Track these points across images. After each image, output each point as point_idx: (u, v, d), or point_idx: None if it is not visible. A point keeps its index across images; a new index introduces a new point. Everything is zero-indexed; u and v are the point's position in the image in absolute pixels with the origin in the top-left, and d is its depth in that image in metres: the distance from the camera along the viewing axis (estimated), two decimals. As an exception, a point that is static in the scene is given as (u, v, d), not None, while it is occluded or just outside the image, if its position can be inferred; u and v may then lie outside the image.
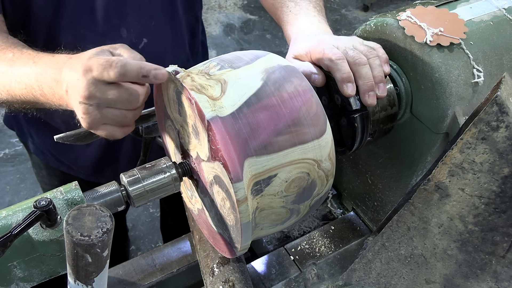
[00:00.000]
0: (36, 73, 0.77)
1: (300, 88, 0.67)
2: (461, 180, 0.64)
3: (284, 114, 0.65)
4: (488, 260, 0.65)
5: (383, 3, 4.02)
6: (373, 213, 1.00)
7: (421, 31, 0.79)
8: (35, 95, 0.79)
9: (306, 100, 0.67)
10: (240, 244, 0.69)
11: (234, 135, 0.62)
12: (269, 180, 0.65)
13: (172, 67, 0.69)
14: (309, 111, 0.67)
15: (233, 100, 0.63)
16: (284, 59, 0.72)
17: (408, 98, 0.83)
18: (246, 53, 0.72)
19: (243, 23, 3.78)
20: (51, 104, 0.79)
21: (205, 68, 0.69)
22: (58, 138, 0.81)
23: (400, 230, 0.69)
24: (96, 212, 0.50)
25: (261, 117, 0.64)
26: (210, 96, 0.63)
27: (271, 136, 0.64)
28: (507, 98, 0.63)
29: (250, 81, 0.65)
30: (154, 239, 2.31)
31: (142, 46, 1.02)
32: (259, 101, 0.64)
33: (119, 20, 0.98)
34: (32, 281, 0.65)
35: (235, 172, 0.61)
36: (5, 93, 0.84)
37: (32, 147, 1.23)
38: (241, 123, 0.63)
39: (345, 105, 0.79)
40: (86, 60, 0.66)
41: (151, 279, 0.93)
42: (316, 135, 0.67)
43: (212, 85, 0.64)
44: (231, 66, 0.68)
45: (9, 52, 0.83)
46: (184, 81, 0.64)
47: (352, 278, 0.71)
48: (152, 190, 0.69)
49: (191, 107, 0.65)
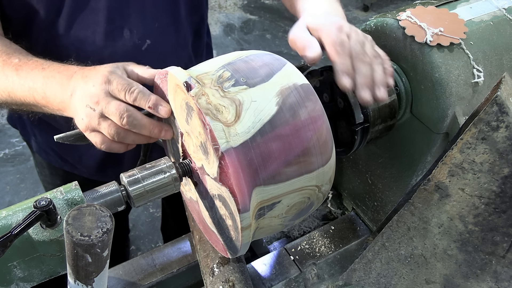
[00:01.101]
0: (43, 77, 0.80)
1: (314, 114, 0.66)
2: (461, 180, 0.64)
3: (295, 145, 0.65)
4: (488, 260, 0.65)
5: (383, 3, 4.02)
6: (373, 213, 1.00)
7: (421, 31, 0.79)
8: (36, 98, 0.81)
9: (318, 128, 0.66)
10: (235, 255, 0.73)
11: (246, 165, 0.62)
12: (273, 205, 0.67)
13: (174, 68, 0.68)
14: (319, 140, 0.67)
15: (247, 127, 0.62)
16: (299, 73, 0.69)
17: (408, 98, 0.83)
18: (260, 61, 0.69)
19: (243, 23, 3.78)
20: (49, 108, 0.82)
21: (218, 78, 0.66)
22: (58, 138, 0.81)
23: (400, 230, 0.69)
24: (96, 212, 0.50)
25: (273, 147, 0.63)
26: (225, 122, 0.61)
27: (281, 166, 0.65)
28: (507, 98, 0.63)
29: (265, 106, 0.64)
30: (154, 239, 2.31)
31: (145, 47, 1.01)
32: (273, 130, 0.63)
33: (122, 21, 0.98)
34: (32, 281, 0.65)
35: (244, 204, 0.63)
36: (5, 95, 0.85)
37: (35, 146, 1.23)
38: (253, 152, 0.62)
39: (348, 114, 0.79)
40: (107, 73, 0.73)
41: (151, 279, 0.93)
42: (322, 163, 0.68)
43: (226, 106, 0.62)
44: (246, 83, 0.65)
45: (15, 58, 0.84)
46: (199, 101, 0.62)
47: (352, 278, 0.71)
48: (152, 190, 0.69)
49: (202, 128, 0.64)
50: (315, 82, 0.84)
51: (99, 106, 0.72)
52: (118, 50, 0.99)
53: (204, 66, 0.70)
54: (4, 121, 2.83)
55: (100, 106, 0.72)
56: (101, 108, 0.72)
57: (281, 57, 0.71)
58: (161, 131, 0.75)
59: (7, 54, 0.85)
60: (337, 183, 1.10)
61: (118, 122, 0.72)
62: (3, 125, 2.82)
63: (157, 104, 0.72)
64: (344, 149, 0.84)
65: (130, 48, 1.00)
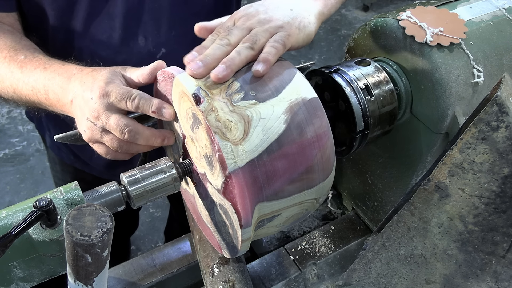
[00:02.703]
0: (45, 78, 0.80)
1: (320, 131, 0.66)
2: (461, 180, 0.64)
3: (300, 163, 0.66)
4: (488, 260, 0.65)
5: (383, 3, 4.02)
6: (373, 213, 1.00)
7: (421, 31, 0.79)
8: (40, 98, 0.82)
9: (322, 145, 0.67)
10: (230, 257, 0.74)
11: (251, 184, 0.62)
12: (272, 218, 0.69)
13: (181, 75, 0.66)
14: (323, 157, 0.67)
15: (255, 146, 0.62)
16: (308, 85, 0.68)
17: (408, 98, 0.83)
18: (270, 71, 0.68)
19: (243, 23, 3.77)
20: (53, 108, 0.83)
21: (227, 88, 0.65)
22: (58, 138, 0.81)
23: (400, 230, 0.69)
24: (96, 212, 0.50)
25: (278, 165, 0.64)
26: (233, 141, 0.61)
27: (284, 184, 0.66)
28: (507, 98, 0.63)
29: (274, 123, 0.63)
30: (154, 239, 2.31)
31: (160, 56, 1.01)
32: (279, 148, 0.64)
33: (137, 28, 0.97)
34: (32, 281, 0.65)
35: (246, 220, 0.64)
36: (11, 92, 0.86)
37: (49, 141, 1.24)
38: (259, 171, 0.63)
39: (348, 118, 0.80)
40: (104, 84, 0.72)
41: (151, 279, 0.93)
42: (323, 178, 0.69)
43: (235, 123, 0.62)
44: (256, 97, 0.64)
45: (21, 54, 0.84)
46: (208, 118, 0.61)
47: (352, 278, 0.71)
48: (152, 190, 0.69)
49: (210, 143, 0.63)
50: (318, 79, 0.84)
51: (99, 121, 0.72)
52: (132, 57, 0.99)
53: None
54: (4, 121, 2.83)
55: (100, 121, 0.72)
56: (102, 123, 0.72)
57: (290, 64, 0.70)
58: (163, 140, 0.75)
59: (14, 50, 0.85)
60: (337, 183, 1.10)
61: (120, 137, 0.72)
62: (3, 125, 2.81)
63: (160, 108, 0.71)
64: (342, 150, 0.85)
65: (144, 56, 0.99)
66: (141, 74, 0.75)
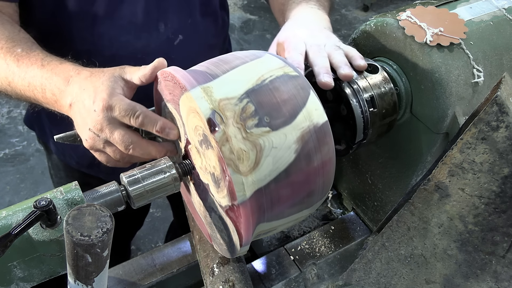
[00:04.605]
0: (42, 76, 0.80)
1: (326, 158, 0.67)
2: (461, 180, 0.64)
3: (304, 190, 0.67)
4: (488, 260, 0.65)
5: (383, 3, 4.02)
6: (373, 213, 1.00)
7: (421, 31, 0.78)
8: (36, 95, 0.81)
9: (326, 172, 0.68)
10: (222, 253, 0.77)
11: (256, 211, 0.64)
12: (269, 232, 0.72)
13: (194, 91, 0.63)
14: (325, 182, 0.69)
15: (263, 175, 0.62)
16: (321, 108, 0.67)
17: (408, 98, 0.83)
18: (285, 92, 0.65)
19: (243, 23, 3.78)
20: (49, 106, 0.83)
21: (241, 112, 0.63)
22: (58, 138, 0.81)
23: (400, 230, 0.69)
24: (96, 212, 0.50)
25: (283, 193, 0.65)
26: (244, 172, 0.61)
27: (286, 208, 0.68)
28: (507, 98, 0.63)
29: (284, 154, 0.63)
30: (154, 239, 2.31)
31: (177, 42, 1.03)
32: (287, 177, 0.64)
33: (158, 14, 0.99)
34: (32, 281, 0.65)
35: (247, 241, 0.66)
36: (5, 84, 0.85)
37: (53, 147, 1.22)
38: (264, 198, 0.64)
39: (348, 124, 0.79)
40: (107, 97, 0.72)
41: (151, 279, 0.93)
42: (321, 198, 0.71)
43: (247, 151, 0.61)
44: (269, 124, 0.63)
45: (18, 47, 0.84)
46: (223, 149, 0.60)
47: (352, 278, 0.71)
48: (152, 190, 0.69)
49: (220, 169, 0.63)
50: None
51: (102, 133, 0.72)
52: (151, 43, 1.00)
53: (227, 86, 0.65)
54: (4, 121, 2.83)
55: (104, 133, 0.72)
56: (105, 136, 0.73)
57: (305, 81, 0.68)
58: (166, 153, 0.76)
59: (12, 42, 0.84)
60: (337, 183, 1.09)
61: (124, 151, 0.73)
62: (3, 125, 2.81)
63: (164, 128, 0.72)
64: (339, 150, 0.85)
65: (163, 42, 1.01)
66: (143, 74, 0.74)
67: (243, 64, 0.68)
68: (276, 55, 0.72)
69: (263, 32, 3.70)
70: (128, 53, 0.97)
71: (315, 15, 0.91)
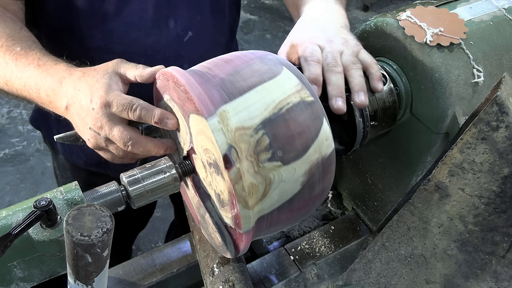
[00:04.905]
0: (37, 77, 0.80)
1: (326, 185, 0.69)
2: (461, 180, 0.64)
3: (302, 213, 0.71)
4: (488, 260, 0.65)
5: (383, 3, 4.02)
6: (373, 213, 1.00)
7: (421, 31, 0.78)
8: (31, 95, 0.81)
9: (324, 196, 0.71)
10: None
11: (256, 233, 0.67)
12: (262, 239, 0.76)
13: (211, 119, 0.60)
14: (321, 202, 0.73)
15: (268, 205, 0.64)
16: (330, 138, 0.67)
17: (408, 98, 0.83)
18: (301, 122, 0.64)
19: (243, 23, 3.78)
20: (45, 107, 0.83)
21: (256, 144, 0.61)
22: (58, 138, 0.81)
23: (400, 230, 0.69)
24: (96, 212, 0.50)
25: (283, 217, 0.68)
26: (252, 206, 0.62)
27: (282, 227, 0.72)
28: (507, 98, 0.63)
29: (291, 186, 0.65)
30: (154, 239, 2.31)
31: (187, 39, 1.03)
32: (289, 205, 0.66)
33: (168, 11, 0.99)
34: (32, 281, 0.65)
35: (243, 251, 0.69)
36: (3, 82, 0.85)
37: (60, 148, 1.22)
38: (265, 223, 0.66)
39: (348, 135, 0.80)
40: (104, 93, 0.72)
41: (151, 279, 0.93)
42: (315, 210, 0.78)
43: (257, 185, 0.61)
44: (282, 159, 0.62)
45: (18, 46, 0.84)
46: (236, 187, 0.60)
47: (352, 278, 0.71)
48: (152, 190, 0.69)
49: (228, 196, 0.63)
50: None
51: (102, 131, 0.73)
52: (161, 39, 1.01)
53: (244, 112, 0.62)
54: (4, 121, 2.83)
55: (104, 131, 0.73)
56: (105, 133, 0.73)
57: (319, 106, 0.66)
58: (166, 150, 0.76)
59: (12, 40, 0.84)
60: (337, 183, 1.09)
61: (124, 148, 0.74)
62: (3, 125, 2.81)
63: (162, 118, 0.72)
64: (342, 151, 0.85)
65: (173, 38, 1.01)
66: (139, 75, 0.75)
67: (262, 84, 0.65)
68: (293, 70, 0.68)
69: (263, 32, 3.70)
70: (139, 50, 0.97)
71: (332, 12, 0.88)
